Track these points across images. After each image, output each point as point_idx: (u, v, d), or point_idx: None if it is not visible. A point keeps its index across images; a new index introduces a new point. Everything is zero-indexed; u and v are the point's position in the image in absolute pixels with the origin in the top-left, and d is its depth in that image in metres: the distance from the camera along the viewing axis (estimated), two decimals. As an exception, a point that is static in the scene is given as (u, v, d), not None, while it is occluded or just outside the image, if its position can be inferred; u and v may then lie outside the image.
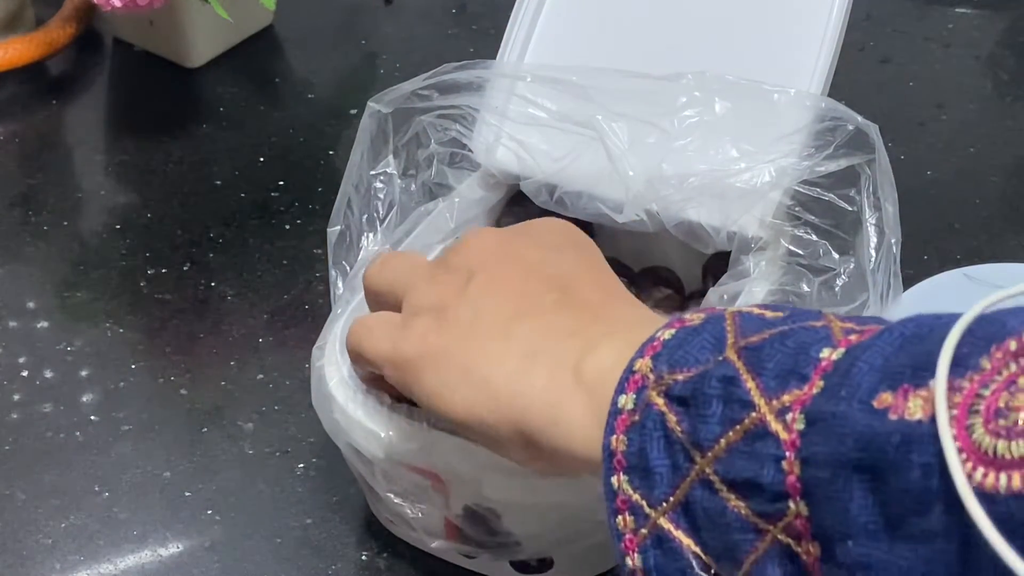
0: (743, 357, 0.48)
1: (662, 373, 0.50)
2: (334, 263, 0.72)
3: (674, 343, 0.51)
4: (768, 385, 0.47)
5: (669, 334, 0.51)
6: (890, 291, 0.69)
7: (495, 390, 0.55)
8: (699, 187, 0.72)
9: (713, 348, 0.50)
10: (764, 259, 0.72)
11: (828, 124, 0.71)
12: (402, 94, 0.75)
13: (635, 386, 0.51)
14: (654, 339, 0.52)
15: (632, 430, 0.50)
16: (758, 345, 0.49)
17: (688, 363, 0.50)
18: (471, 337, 0.57)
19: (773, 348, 0.48)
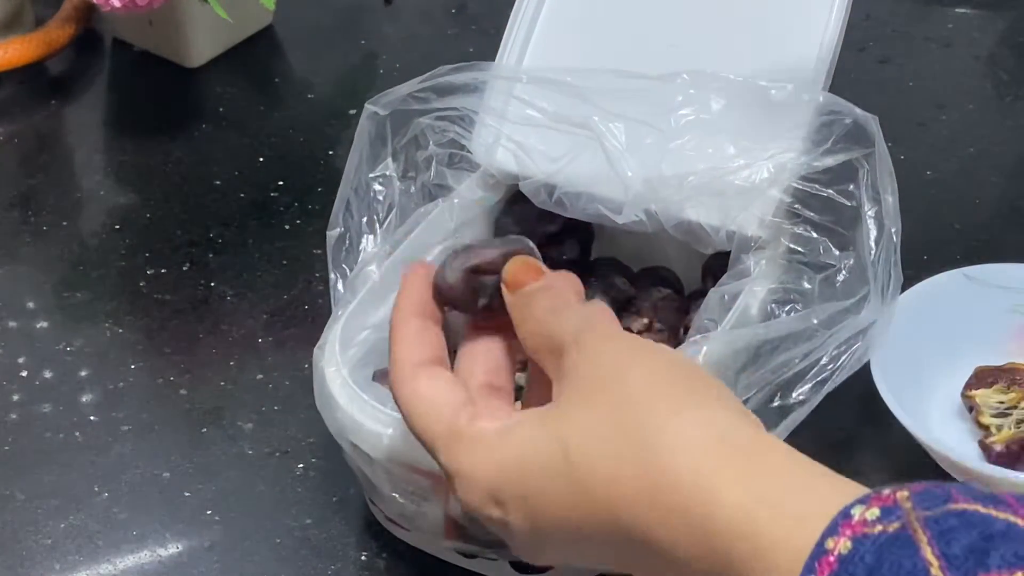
0: None
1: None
2: (334, 266, 0.72)
3: (856, 565, 0.43)
4: None
5: (845, 547, 0.43)
6: (891, 282, 0.69)
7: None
8: (697, 186, 0.72)
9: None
10: (764, 258, 0.72)
11: (826, 119, 0.71)
12: (399, 96, 0.75)
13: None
14: (824, 550, 0.44)
15: None
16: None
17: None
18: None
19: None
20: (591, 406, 0.52)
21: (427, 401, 0.56)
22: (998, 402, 0.76)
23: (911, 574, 0.41)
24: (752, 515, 0.46)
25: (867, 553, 0.42)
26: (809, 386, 0.67)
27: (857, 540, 0.43)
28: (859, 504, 0.44)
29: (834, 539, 0.43)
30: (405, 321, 0.59)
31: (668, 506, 0.48)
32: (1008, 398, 0.76)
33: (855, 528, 0.43)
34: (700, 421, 0.50)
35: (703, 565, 0.48)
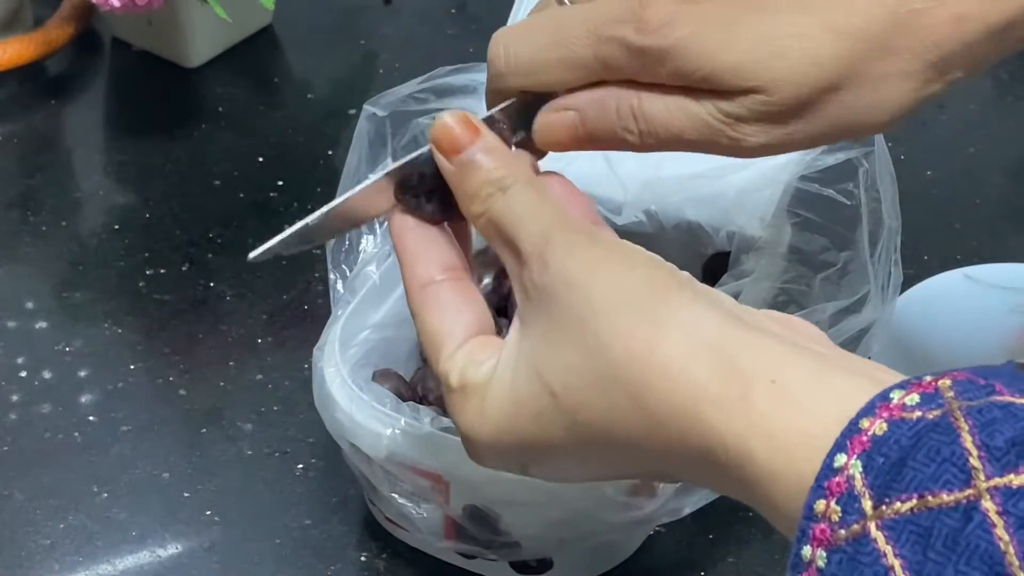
0: (998, 499, 0.39)
1: (884, 497, 0.40)
2: (334, 266, 0.72)
3: (890, 447, 0.41)
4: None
5: (881, 428, 0.41)
6: (891, 282, 0.69)
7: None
8: (697, 187, 0.72)
9: (953, 472, 0.40)
10: (764, 257, 0.72)
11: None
12: (398, 97, 0.75)
13: (839, 491, 0.41)
14: (857, 429, 0.42)
15: (838, 553, 0.41)
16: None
17: (918, 487, 0.40)
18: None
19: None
20: (567, 341, 0.49)
21: (428, 337, 0.54)
22: None
23: (948, 461, 0.40)
24: (747, 445, 0.45)
25: (903, 436, 0.41)
26: (809, 386, 0.67)
27: (894, 423, 0.41)
28: (898, 389, 0.42)
29: (870, 419, 0.42)
30: (402, 235, 0.56)
31: (669, 440, 0.47)
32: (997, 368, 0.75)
33: (893, 411, 0.42)
34: (678, 343, 0.47)
35: (720, 485, 0.47)
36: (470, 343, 0.53)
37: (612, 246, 0.51)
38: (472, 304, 0.54)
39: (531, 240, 0.51)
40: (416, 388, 0.72)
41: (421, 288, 0.54)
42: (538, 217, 0.52)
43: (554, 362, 0.49)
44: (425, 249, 0.55)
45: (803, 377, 0.45)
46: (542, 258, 0.50)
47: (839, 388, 0.44)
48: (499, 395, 0.51)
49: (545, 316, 0.50)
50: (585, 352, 0.48)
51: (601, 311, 0.48)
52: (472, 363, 0.52)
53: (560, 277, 0.50)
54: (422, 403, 0.69)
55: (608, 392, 0.48)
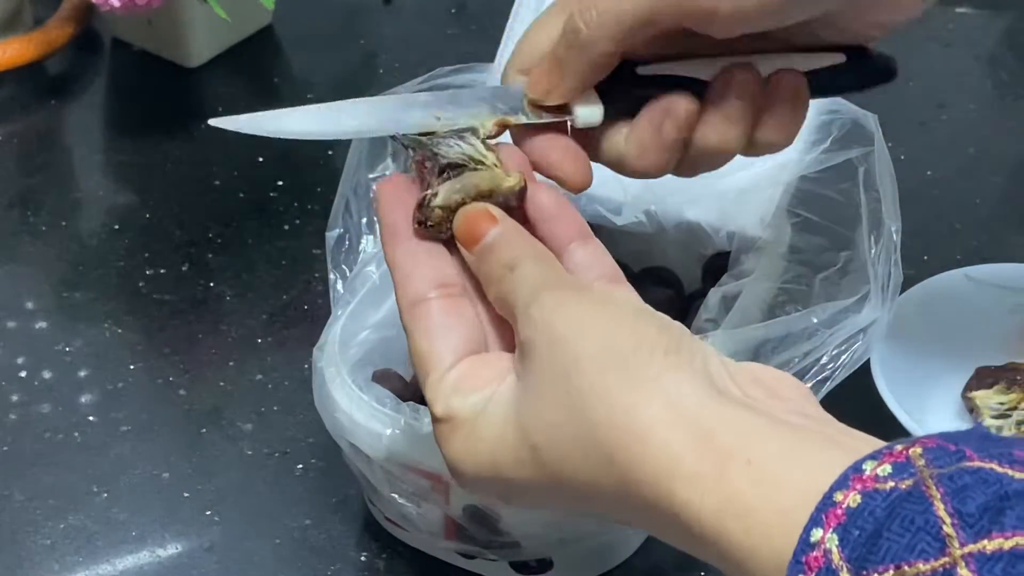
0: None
1: (861, 570, 0.41)
2: (333, 266, 0.72)
3: (865, 519, 0.41)
4: None
5: (855, 501, 0.42)
6: (891, 282, 0.69)
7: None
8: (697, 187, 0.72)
9: (928, 541, 0.40)
10: (764, 257, 0.72)
11: (825, 118, 0.72)
12: (397, 97, 0.75)
13: (816, 565, 0.41)
14: (832, 502, 0.42)
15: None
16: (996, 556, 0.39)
17: (894, 558, 0.40)
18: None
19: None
20: (551, 399, 0.50)
21: (418, 357, 0.54)
22: (998, 403, 0.75)
23: (923, 530, 0.40)
24: (723, 525, 0.45)
25: (877, 507, 0.41)
26: (809, 385, 0.67)
27: (868, 495, 0.42)
28: (870, 460, 0.43)
29: (843, 492, 0.42)
30: (394, 253, 0.56)
31: (645, 504, 0.47)
32: (1008, 399, 0.76)
33: (866, 483, 0.42)
34: (657, 413, 0.47)
35: (697, 552, 0.47)
36: (457, 368, 0.53)
37: (600, 301, 0.52)
38: (463, 322, 0.54)
39: (522, 301, 0.52)
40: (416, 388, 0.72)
41: (411, 306, 0.54)
42: (530, 279, 0.53)
43: (538, 417, 0.50)
44: (416, 265, 0.55)
45: (778, 454, 0.45)
46: (529, 315, 0.51)
47: (813, 462, 0.44)
48: (485, 436, 0.52)
49: (533, 371, 0.51)
50: (567, 410, 0.49)
51: (585, 370, 0.49)
52: (458, 393, 0.53)
53: (545, 332, 0.51)
54: (422, 403, 0.69)
55: (587, 452, 0.49)
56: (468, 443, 0.52)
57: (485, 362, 0.54)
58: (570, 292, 0.52)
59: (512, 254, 0.54)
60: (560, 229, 0.56)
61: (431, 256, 0.55)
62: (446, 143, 0.57)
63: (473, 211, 0.55)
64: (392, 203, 0.56)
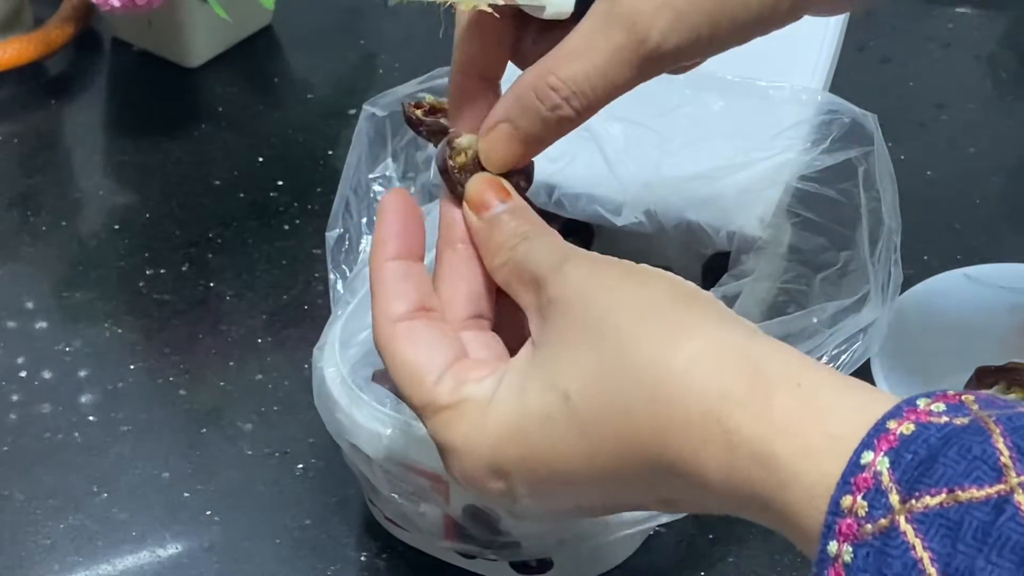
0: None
1: (912, 492, 0.41)
2: (333, 266, 0.72)
3: (919, 445, 0.41)
4: None
5: (908, 429, 0.42)
6: (891, 281, 0.69)
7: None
8: (697, 187, 0.72)
9: (984, 469, 0.40)
10: (764, 258, 0.72)
11: (825, 118, 0.72)
12: (397, 97, 0.75)
13: (865, 486, 0.42)
14: (884, 428, 0.42)
15: (864, 548, 0.41)
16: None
17: (948, 482, 0.40)
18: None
19: None
20: (584, 347, 0.49)
21: (407, 368, 0.53)
22: None
23: (979, 459, 0.40)
24: (772, 447, 0.44)
25: (932, 436, 0.41)
26: (809, 386, 0.67)
27: (922, 425, 0.41)
28: (924, 397, 0.43)
29: (897, 421, 0.42)
30: (380, 267, 0.55)
31: (686, 441, 0.46)
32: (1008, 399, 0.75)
33: (920, 415, 0.42)
34: (702, 347, 0.47)
35: (732, 500, 0.46)
36: (456, 366, 0.53)
37: (630, 266, 0.52)
38: (447, 337, 0.54)
39: (551, 264, 0.52)
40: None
41: (393, 322, 0.54)
42: (556, 250, 0.53)
43: (569, 366, 0.49)
44: (401, 284, 0.55)
45: (828, 384, 0.45)
46: (562, 274, 0.51)
47: (864, 396, 0.45)
48: (503, 406, 0.50)
49: (562, 325, 0.50)
50: (602, 356, 0.48)
51: (621, 319, 0.49)
52: (466, 381, 0.52)
53: (579, 288, 0.50)
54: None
55: (624, 397, 0.47)
56: (484, 419, 0.51)
57: (478, 362, 0.53)
58: (598, 258, 0.52)
59: (525, 225, 0.54)
60: None
61: (415, 277, 0.55)
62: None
63: (488, 178, 0.55)
64: (390, 217, 0.56)
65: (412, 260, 0.55)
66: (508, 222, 0.54)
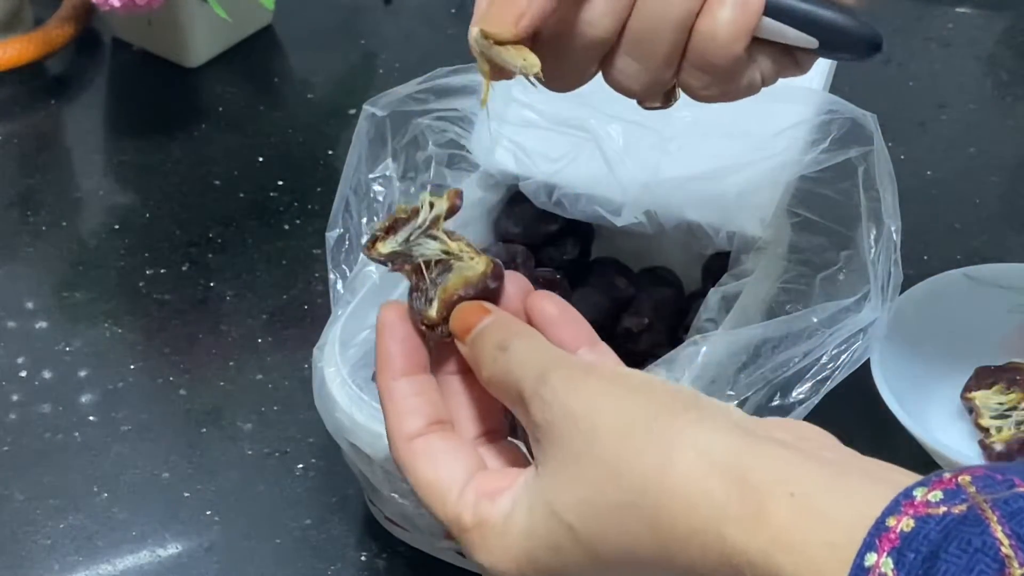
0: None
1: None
2: (333, 266, 0.72)
3: (920, 542, 0.41)
4: None
5: (908, 525, 0.42)
6: (891, 281, 0.69)
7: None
8: (697, 188, 0.72)
9: (986, 562, 0.41)
10: (764, 258, 0.72)
11: (824, 118, 0.72)
12: (397, 98, 0.75)
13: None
14: (884, 527, 0.42)
15: None
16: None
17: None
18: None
19: None
20: (578, 473, 0.49)
21: (429, 486, 0.54)
22: (998, 403, 0.75)
23: (980, 551, 0.40)
24: (773, 560, 0.44)
25: (932, 531, 0.41)
26: (809, 385, 0.67)
27: (921, 519, 0.42)
28: (920, 487, 0.43)
29: (896, 517, 0.42)
30: (389, 386, 0.56)
31: (691, 561, 0.47)
32: (1008, 399, 0.76)
33: (917, 508, 0.42)
34: (691, 460, 0.47)
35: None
36: (476, 480, 0.53)
37: (609, 376, 0.52)
38: (464, 449, 0.55)
39: (529, 383, 0.52)
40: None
41: (408, 440, 0.54)
42: (534, 362, 0.52)
43: (567, 497, 0.50)
44: (411, 401, 0.55)
45: (821, 486, 0.45)
46: (541, 397, 0.51)
47: (858, 493, 0.44)
48: (517, 531, 0.51)
49: (553, 453, 0.50)
50: (596, 482, 0.49)
51: (607, 440, 0.49)
52: (484, 498, 0.53)
53: (561, 412, 0.50)
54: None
55: (624, 520, 0.48)
56: (503, 543, 0.52)
57: (496, 474, 0.54)
58: (576, 370, 0.52)
59: (502, 334, 0.54)
60: (567, 334, 0.56)
61: (425, 392, 0.56)
62: (418, 245, 0.57)
63: (467, 307, 0.56)
64: (391, 334, 0.56)
65: (419, 374, 0.56)
66: (489, 336, 0.54)
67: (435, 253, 0.57)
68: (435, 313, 0.56)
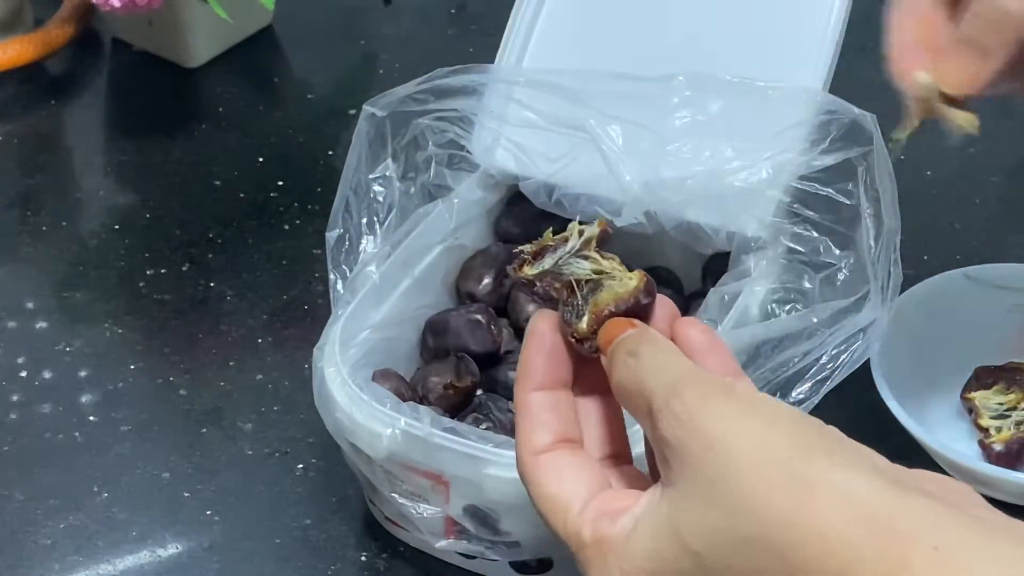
0: None
1: None
2: (333, 266, 0.72)
3: None
4: None
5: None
6: (891, 281, 0.69)
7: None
8: (697, 188, 0.72)
9: None
10: (764, 258, 0.72)
11: (824, 118, 0.72)
12: (397, 98, 0.75)
13: None
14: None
15: None
16: None
17: None
18: None
19: None
20: (709, 501, 0.48)
21: (551, 501, 0.53)
22: (997, 403, 0.75)
23: None
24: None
25: None
26: (809, 385, 0.67)
27: None
28: None
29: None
30: (525, 397, 0.55)
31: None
32: (1008, 399, 0.76)
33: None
34: (832, 504, 0.46)
35: None
36: (598, 498, 0.52)
37: (751, 400, 0.50)
38: (590, 465, 0.54)
39: (660, 394, 0.50)
40: (416, 388, 0.72)
41: (535, 455, 0.54)
42: (665, 370, 0.51)
43: (696, 522, 0.48)
44: (545, 415, 0.54)
45: (966, 542, 0.44)
46: (673, 412, 0.49)
47: (1005, 553, 0.44)
48: (639, 553, 0.50)
49: (682, 473, 0.49)
50: (728, 511, 0.47)
51: (743, 469, 0.47)
52: (605, 516, 0.51)
53: (695, 432, 0.49)
54: (422, 403, 0.69)
55: (754, 554, 0.47)
56: (621, 563, 0.50)
57: (619, 493, 0.53)
58: (714, 387, 0.50)
59: (633, 342, 0.53)
60: (712, 363, 0.54)
61: (560, 407, 0.55)
62: (568, 264, 0.57)
63: (614, 321, 0.55)
64: (538, 344, 0.55)
65: (558, 389, 0.55)
66: (625, 343, 0.53)
67: (586, 272, 0.57)
68: (586, 326, 0.55)
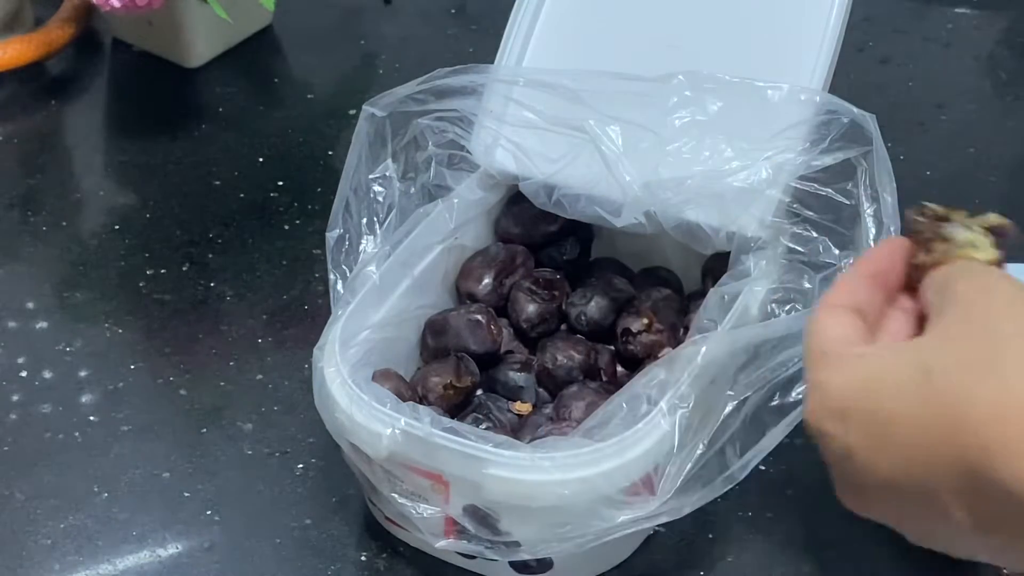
0: None
1: None
2: (333, 266, 0.72)
3: None
4: None
5: None
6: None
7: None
8: (696, 188, 0.72)
9: None
10: (764, 258, 0.72)
11: (824, 118, 0.72)
12: (397, 98, 0.75)
13: None
14: None
15: None
16: None
17: None
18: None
19: None
20: (967, 340, 0.51)
21: (818, 326, 0.56)
22: None
23: None
24: None
25: None
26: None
27: None
28: None
29: None
30: (852, 273, 0.59)
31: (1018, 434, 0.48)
32: None
33: None
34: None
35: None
36: (852, 316, 0.56)
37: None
38: (865, 330, 0.56)
39: (962, 268, 0.56)
40: (416, 388, 0.72)
41: (829, 306, 0.57)
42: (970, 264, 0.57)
43: (942, 350, 0.51)
44: (857, 292, 0.58)
45: None
46: (972, 272, 0.56)
47: None
48: (870, 363, 0.53)
49: (956, 319, 0.52)
50: (980, 351, 0.50)
51: (1013, 325, 0.51)
52: (855, 336, 0.55)
53: (983, 292, 0.53)
54: (422, 403, 0.69)
55: (982, 379, 0.49)
56: (850, 366, 0.53)
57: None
58: (1002, 276, 0.55)
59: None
60: None
61: (873, 294, 0.58)
62: (954, 227, 0.60)
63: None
64: (891, 248, 0.60)
65: (878, 286, 0.58)
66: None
67: (964, 239, 0.59)
68: (928, 257, 0.58)
